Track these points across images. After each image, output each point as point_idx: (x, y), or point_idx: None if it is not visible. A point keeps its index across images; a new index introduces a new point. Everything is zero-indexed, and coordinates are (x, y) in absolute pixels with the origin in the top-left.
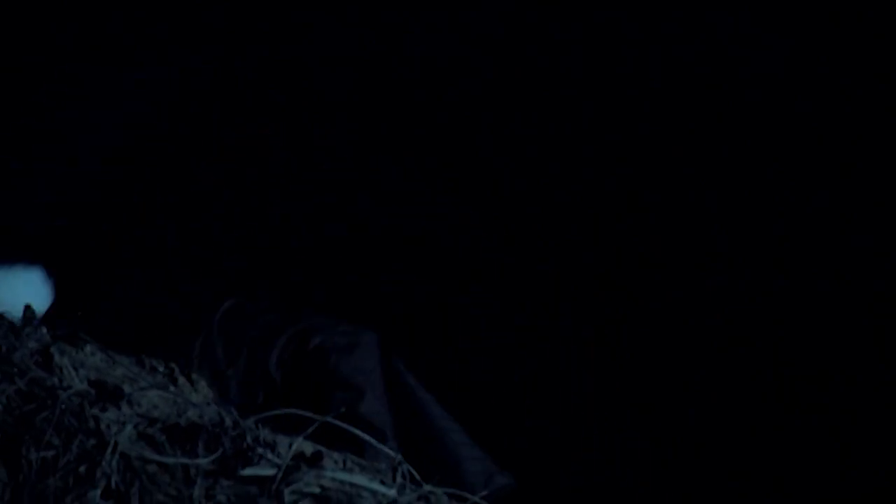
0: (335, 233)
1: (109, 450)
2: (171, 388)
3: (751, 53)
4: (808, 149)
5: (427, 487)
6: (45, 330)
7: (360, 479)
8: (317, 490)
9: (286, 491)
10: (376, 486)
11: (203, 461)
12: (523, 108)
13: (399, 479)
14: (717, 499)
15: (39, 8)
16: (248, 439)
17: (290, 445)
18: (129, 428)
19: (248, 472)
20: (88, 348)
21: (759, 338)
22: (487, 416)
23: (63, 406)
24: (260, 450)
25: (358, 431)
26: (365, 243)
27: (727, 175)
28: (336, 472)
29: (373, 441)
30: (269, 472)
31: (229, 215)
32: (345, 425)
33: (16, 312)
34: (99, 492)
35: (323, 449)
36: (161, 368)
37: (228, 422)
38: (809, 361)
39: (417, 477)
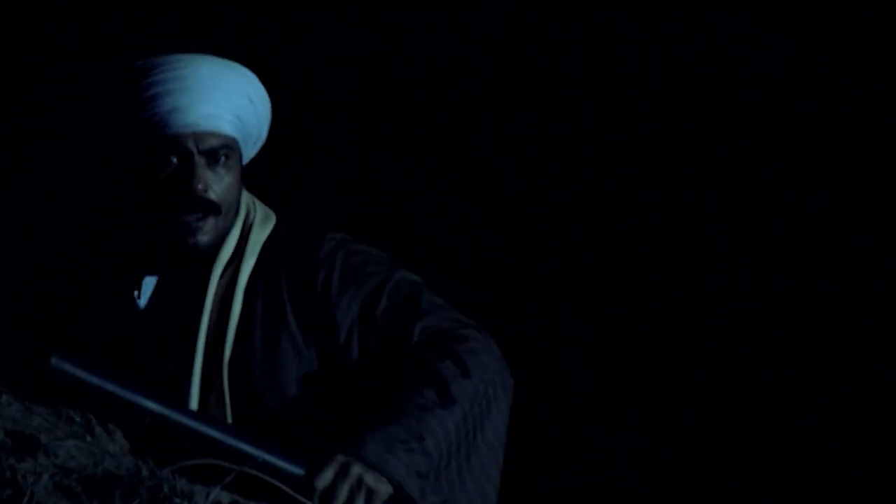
0: None
1: (25, 500)
2: (88, 439)
3: (751, 53)
4: (808, 149)
5: None
6: None
7: None
8: None
9: None
10: None
11: None
12: (523, 108)
13: None
14: (717, 499)
15: (39, 8)
16: (165, 489)
17: (208, 495)
18: (45, 478)
19: None
20: (4, 398)
21: (759, 338)
22: None
23: None
24: (177, 500)
25: (274, 481)
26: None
27: (727, 175)
28: None
29: (289, 490)
30: None
31: None
32: (263, 475)
33: None
34: None
35: (240, 499)
36: (78, 419)
37: (145, 472)
38: (809, 361)
39: None
